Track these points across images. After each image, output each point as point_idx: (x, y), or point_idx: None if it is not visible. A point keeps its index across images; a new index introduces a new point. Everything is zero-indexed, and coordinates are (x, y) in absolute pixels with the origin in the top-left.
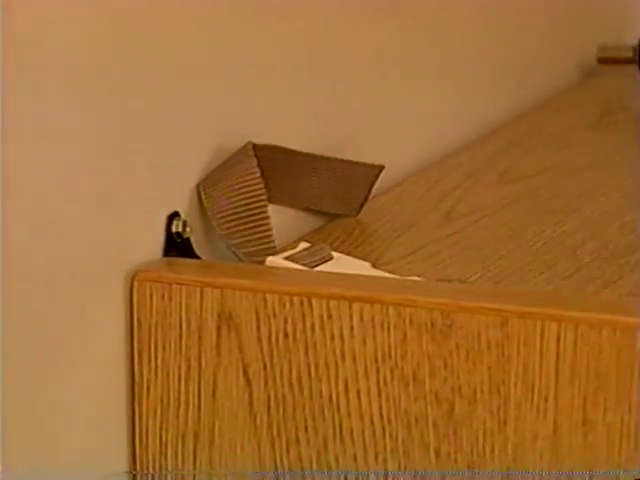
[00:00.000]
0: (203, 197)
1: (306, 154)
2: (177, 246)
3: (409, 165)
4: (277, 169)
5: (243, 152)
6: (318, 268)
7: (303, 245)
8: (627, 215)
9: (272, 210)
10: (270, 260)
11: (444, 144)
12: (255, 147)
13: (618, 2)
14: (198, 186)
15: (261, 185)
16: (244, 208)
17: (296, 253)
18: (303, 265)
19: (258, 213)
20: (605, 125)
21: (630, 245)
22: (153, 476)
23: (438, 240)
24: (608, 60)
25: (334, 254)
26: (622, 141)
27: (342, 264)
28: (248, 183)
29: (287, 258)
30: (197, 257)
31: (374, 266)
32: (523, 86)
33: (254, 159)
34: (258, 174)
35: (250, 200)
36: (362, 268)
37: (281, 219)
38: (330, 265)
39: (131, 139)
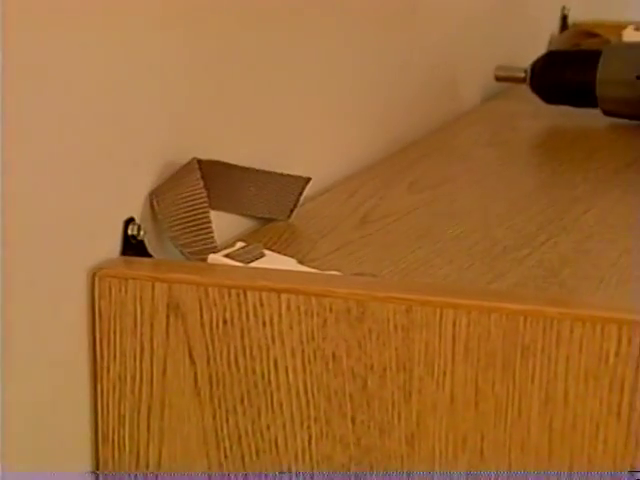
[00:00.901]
0: (155, 205)
1: (244, 167)
2: (132, 247)
3: (332, 177)
4: (219, 181)
5: (189, 166)
6: (252, 264)
7: (239, 244)
8: (515, 218)
9: (214, 215)
10: (211, 257)
11: (362, 158)
12: (199, 162)
13: (519, 35)
14: (150, 195)
15: (204, 194)
16: (190, 214)
17: (233, 251)
18: (240, 261)
19: (202, 218)
20: (500, 142)
21: (517, 243)
22: (114, 447)
23: (355, 240)
24: (504, 79)
25: (266, 252)
26: (512, 156)
27: (273, 261)
28: (193, 193)
29: (226, 256)
30: (150, 256)
31: (300, 262)
32: (432, 107)
33: (198, 172)
34: (202, 185)
35: (195, 207)
36: (290, 264)
37: (222, 223)
38: (262, 262)
39: (93, 156)
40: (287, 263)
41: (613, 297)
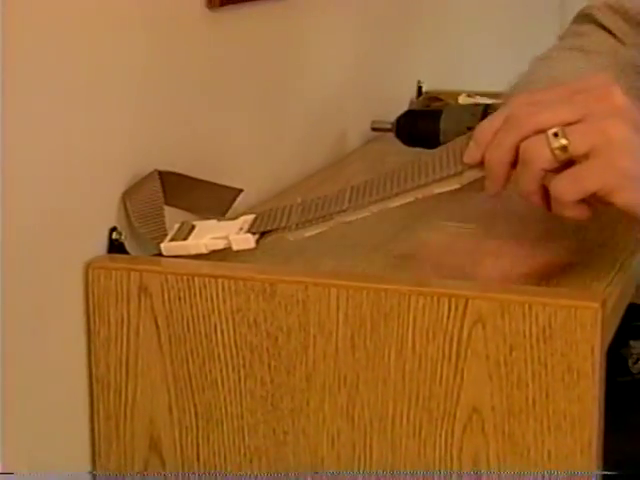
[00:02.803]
0: (127, 202)
1: (194, 178)
2: (115, 247)
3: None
4: (174, 186)
5: (151, 175)
6: (190, 237)
7: (176, 226)
8: (383, 225)
9: (170, 211)
10: (163, 246)
11: (278, 184)
12: (160, 173)
13: (388, 99)
14: (123, 195)
15: (161, 195)
16: (150, 211)
17: (174, 234)
18: (180, 239)
19: (158, 214)
20: (374, 173)
21: (382, 242)
22: (103, 386)
23: None
24: (377, 129)
25: (195, 222)
26: None
27: (201, 227)
28: (153, 195)
29: (171, 240)
30: (127, 254)
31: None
32: (327, 148)
33: (158, 180)
34: (160, 190)
35: (154, 206)
36: (212, 224)
37: (177, 218)
38: (196, 231)
39: (88, 184)
40: (210, 224)
41: (447, 278)
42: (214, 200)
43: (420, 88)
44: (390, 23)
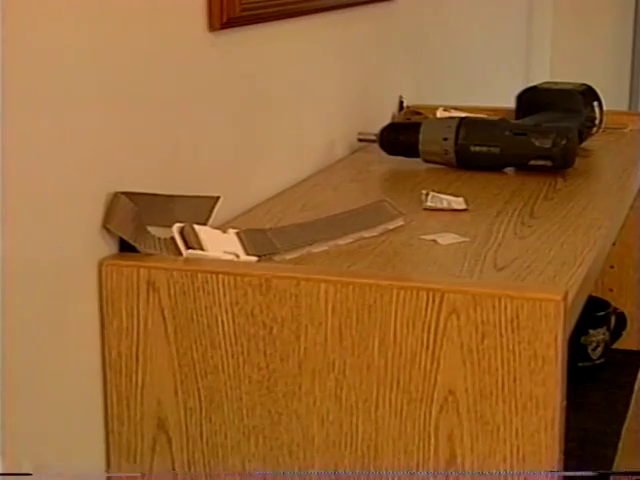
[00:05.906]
0: (110, 228)
1: (166, 195)
2: (127, 247)
3: (256, 200)
4: (147, 205)
5: (116, 198)
6: (203, 241)
7: (176, 227)
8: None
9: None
10: (187, 253)
11: (273, 189)
12: (123, 193)
13: (373, 113)
14: (104, 225)
15: (137, 212)
16: (132, 227)
17: (183, 238)
18: (200, 247)
19: (141, 227)
20: (360, 179)
21: (367, 242)
22: (115, 372)
23: None
24: (363, 140)
25: (195, 226)
26: (367, 188)
27: (206, 234)
28: (129, 213)
29: (187, 246)
30: (137, 252)
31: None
32: (318, 156)
33: (127, 199)
34: (133, 206)
35: (135, 221)
36: (206, 229)
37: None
38: (207, 237)
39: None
40: (208, 230)
41: (425, 274)
42: (192, 212)
43: (402, 103)
44: (375, 46)
